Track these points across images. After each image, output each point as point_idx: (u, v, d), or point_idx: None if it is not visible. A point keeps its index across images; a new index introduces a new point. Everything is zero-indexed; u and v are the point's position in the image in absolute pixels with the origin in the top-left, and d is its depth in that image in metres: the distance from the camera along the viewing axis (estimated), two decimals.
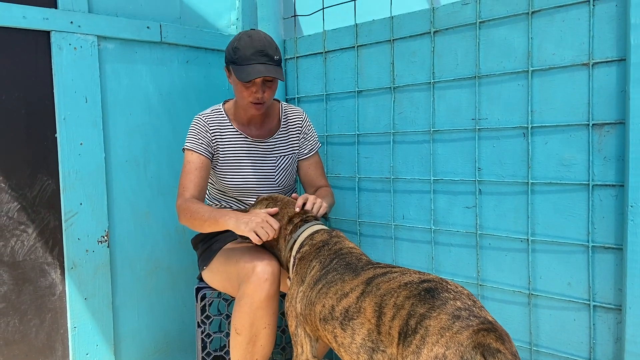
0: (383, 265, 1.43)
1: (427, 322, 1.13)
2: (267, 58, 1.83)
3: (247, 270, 1.72)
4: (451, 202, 1.93)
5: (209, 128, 1.96)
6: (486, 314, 1.14)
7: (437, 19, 1.91)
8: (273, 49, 1.85)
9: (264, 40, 1.85)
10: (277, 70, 1.84)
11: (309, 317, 1.49)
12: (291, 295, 1.62)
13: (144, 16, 2.27)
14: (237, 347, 1.75)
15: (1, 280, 1.93)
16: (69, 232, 2.06)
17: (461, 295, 1.19)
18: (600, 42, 1.57)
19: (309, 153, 2.11)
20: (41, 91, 1.99)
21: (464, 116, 1.88)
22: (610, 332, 1.60)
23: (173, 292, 2.42)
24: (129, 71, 2.24)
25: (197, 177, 1.90)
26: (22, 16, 1.90)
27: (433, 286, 1.22)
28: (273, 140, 2.04)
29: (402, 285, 1.27)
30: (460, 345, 1.05)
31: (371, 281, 1.35)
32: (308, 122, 2.14)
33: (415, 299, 1.20)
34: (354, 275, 1.42)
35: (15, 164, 1.94)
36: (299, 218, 1.77)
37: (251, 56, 1.82)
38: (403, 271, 1.35)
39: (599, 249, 1.61)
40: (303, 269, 1.62)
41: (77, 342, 2.10)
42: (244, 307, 1.70)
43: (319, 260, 1.58)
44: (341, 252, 1.58)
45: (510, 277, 1.79)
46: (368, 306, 1.30)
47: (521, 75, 1.72)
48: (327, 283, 1.46)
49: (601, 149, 1.58)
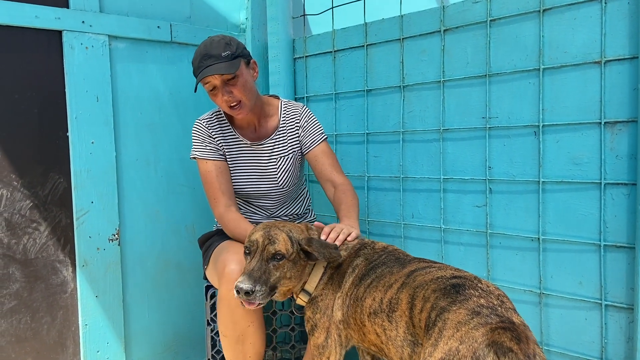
0: (427, 260, 1.43)
1: (446, 315, 1.13)
2: (213, 59, 1.74)
3: (219, 271, 1.71)
4: (461, 200, 1.93)
5: (211, 133, 1.93)
6: (512, 315, 1.12)
7: (447, 17, 1.90)
8: (220, 47, 1.75)
9: (209, 44, 1.78)
10: (221, 67, 1.73)
11: (355, 316, 1.45)
12: (325, 305, 1.55)
13: (154, 16, 2.29)
14: (227, 348, 1.76)
15: (13, 278, 1.94)
16: (80, 230, 2.07)
17: (489, 294, 1.17)
18: (612, 40, 1.56)
19: (313, 144, 1.99)
20: (53, 90, 2.01)
21: (474, 114, 1.87)
22: (622, 332, 1.59)
23: (183, 290, 2.43)
24: (140, 70, 2.25)
25: (222, 184, 1.89)
26: (34, 16, 1.92)
27: (461, 282, 1.21)
28: (272, 142, 1.98)
29: (434, 279, 1.26)
30: (474, 341, 1.04)
31: (412, 274, 1.35)
32: (307, 114, 2.02)
33: (440, 293, 1.20)
34: (400, 268, 1.42)
35: (27, 163, 1.96)
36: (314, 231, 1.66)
37: (199, 64, 1.76)
38: (441, 267, 1.35)
39: (611, 248, 1.60)
40: (340, 275, 1.57)
41: (88, 339, 2.12)
42: (223, 309, 1.70)
43: (363, 257, 1.55)
44: (388, 250, 1.57)
45: (521, 276, 1.79)
46: (404, 298, 1.30)
47: (532, 73, 1.72)
48: (377, 277, 1.44)
49: (613, 147, 1.57)
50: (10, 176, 1.92)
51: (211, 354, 2.02)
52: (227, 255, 1.73)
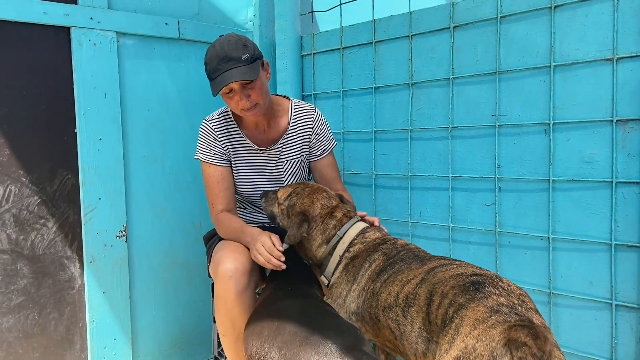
0: (448, 258, 1.42)
1: (464, 312, 1.11)
2: (233, 62, 1.68)
3: (214, 269, 1.70)
4: (470, 199, 1.91)
5: (217, 136, 1.89)
6: (532, 316, 1.09)
7: (456, 14, 1.89)
8: (239, 49, 1.70)
9: (226, 44, 1.71)
10: (244, 71, 1.69)
11: (370, 310, 1.45)
12: (338, 294, 1.57)
13: (162, 12, 2.28)
14: (227, 347, 1.74)
15: (21, 274, 1.95)
16: (87, 226, 2.08)
17: (510, 293, 1.14)
18: (624, 37, 1.54)
19: (323, 154, 1.99)
20: (61, 86, 2.01)
21: (483, 112, 1.86)
22: (633, 332, 1.57)
23: (189, 286, 2.43)
24: (148, 67, 2.25)
25: (221, 190, 1.88)
26: (43, 12, 1.92)
27: (481, 280, 1.19)
28: (279, 146, 1.94)
29: (454, 276, 1.25)
30: (491, 340, 1.02)
31: (432, 270, 1.34)
32: (321, 120, 1.99)
33: (458, 289, 1.18)
34: (420, 265, 1.40)
35: (35, 159, 1.96)
36: (342, 212, 1.70)
37: (217, 66, 1.70)
38: (462, 264, 1.34)
39: (622, 248, 1.58)
40: (356, 267, 1.57)
41: (95, 335, 2.12)
42: (220, 308, 1.69)
43: (381, 252, 1.54)
44: (409, 247, 1.56)
45: (530, 276, 1.77)
46: (422, 293, 1.29)
47: (543, 71, 1.70)
48: (394, 272, 1.44)
49: (625, 145, 1.56)
50: (19, 172, 1.93)
51: (217, 351, 2.02)
52: (223, 253, 1.71)
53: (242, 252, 1.72)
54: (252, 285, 1.70)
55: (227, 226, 1.83)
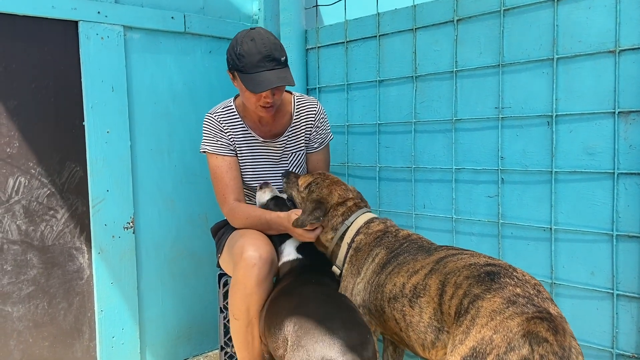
0: (456, 248, 1.43)
1: (480, 302, 1.10)
2: (275, 62, 1.71)
3: (237, 256, 1.72)
4: (473, 191, 1.93)
5: (222, 128, 1.91)
6: (549, 306, 1.08)
7: (460, 7, 1.90)
8: (279, 50, 1.74)
9: (268, 42, 1.72)
10: (286, 74, 1.74)
11: (375, 302, 1.46)
12: (344, 286, 1.60)
13: (168, 6, 2.31)
14: (237, 331, 1.77)
15: (31, 264, 1.99)
16: (96, 217, 2.11)
17: (525, 283, 1.14)
18: (627, 29, 1.55)
19: (320, 147, 2.05)
20: (69, 80, 2.04)
21: (487, 104, 1.87)
22: (634, 321, 1.59)
23: (196, 277, 2.47)
24: (154, 61, 2.27)
25: (231, 179, 1.90)
26: (51, 6, 1.95)
27: (496, 270, 1.18)
28: (284, 139, 1.99)
29: (467, 266, 1.24)
30: (509, 331, 1.01)
31: (441, 260, 1.34)
32: (322, 113, 2.05)
33: (473, 280, 1.18)
34: (427, 255, 1.41)
35: (44, 151, 1.99)
36: (353, 202, 1.74)
37: (258, 63, 1.69)
38: (473, 254, 1.34)
39: (623, 238, 1.59)
40: (359, 260, 1.59)
41: (103, 325, 2.16)
42: (237, 293, 1.71)
43: (383, 246, 1.56)
44: (411, 238, 1.57)
45: (533, 266, 1.79)
46: (433, 283, 1.28)
47: (546, 63, 1.71)
48: (398, 264, 1.45)
49: (627, 137, 1.57)
50: (28, 164, 1.96)
51: (224, 340, 2.05)
52: (245, 240, 1.74)
53: (265, 241, 1.76)
54: (272, 274, 1.74)
55: (247, 215, 1.85)
